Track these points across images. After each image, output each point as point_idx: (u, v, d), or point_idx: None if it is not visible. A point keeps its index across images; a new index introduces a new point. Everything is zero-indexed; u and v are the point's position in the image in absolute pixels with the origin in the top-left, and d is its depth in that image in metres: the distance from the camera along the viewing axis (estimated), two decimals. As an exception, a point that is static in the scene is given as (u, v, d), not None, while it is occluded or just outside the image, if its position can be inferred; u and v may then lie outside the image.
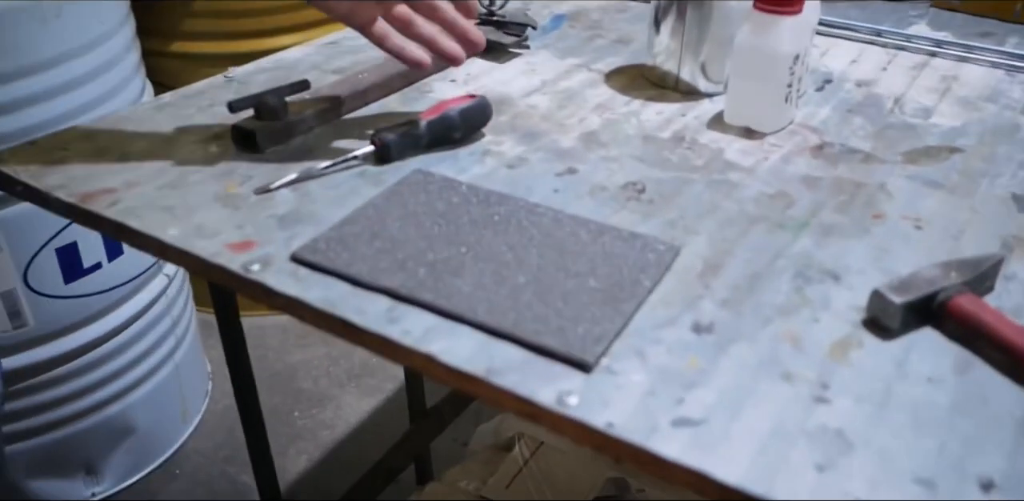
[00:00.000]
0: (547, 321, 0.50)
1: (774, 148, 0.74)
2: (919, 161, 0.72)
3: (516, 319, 0.50)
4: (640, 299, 0.53)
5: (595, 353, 0.48)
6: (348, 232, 0.59)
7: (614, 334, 0.49)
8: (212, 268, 0.56)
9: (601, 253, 0.57)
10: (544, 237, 0.58)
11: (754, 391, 0.46)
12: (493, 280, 0.54)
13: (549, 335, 0.49)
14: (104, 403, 1.32)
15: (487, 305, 0.51)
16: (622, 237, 0.59)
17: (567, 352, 0.48)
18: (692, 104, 0.81)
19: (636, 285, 0.54)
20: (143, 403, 1.38)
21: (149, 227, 0.60)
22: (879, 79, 0.88)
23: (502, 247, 0.57)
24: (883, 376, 0.48)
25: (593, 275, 0.55)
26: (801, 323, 0.52)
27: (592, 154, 0.72)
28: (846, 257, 0.58)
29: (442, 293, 0.52)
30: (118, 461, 1.40)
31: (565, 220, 0.60)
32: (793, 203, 0.65)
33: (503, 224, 0.60)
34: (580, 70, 0.88)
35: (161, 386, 1.42)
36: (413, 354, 0.49)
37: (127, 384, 1.34)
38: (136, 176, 0.66)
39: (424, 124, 0.69)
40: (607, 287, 0.53)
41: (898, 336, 0.51)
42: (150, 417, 1.41)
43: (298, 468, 1.51)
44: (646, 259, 0.56)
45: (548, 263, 0.56)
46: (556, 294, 0.53)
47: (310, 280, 0.55)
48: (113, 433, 1.36)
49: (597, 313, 0.51)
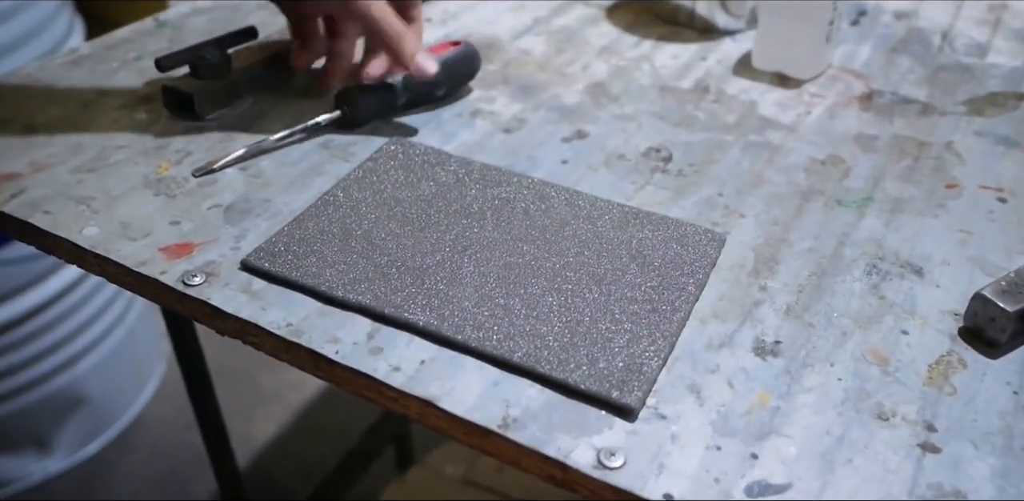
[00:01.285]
0: (575, 349, 0.39)
1: (816, 99, 0.62)
2: (985, 111, 0.61)
3: (535, 347, 0.39)
4: (686, 311, 0.42)
5: (639, 394, 0.37)
6: (311, 228, 0.47)
7: (661, 364, 0.39)
8: (142, 281, 0.45)
9: (630, 247, 0.46)
10: (559, 228, 0.47)
11: (844, 439, 0.37)
12: (501, 291, 0.43)
13: (579, 370, 0.38)
14: (52, 373, 1.22)
15: (495, 327, 0.40)
16: (653, 224, 0.48)
17: (605, 394, 0.37)
18: (711, 44, 0.69)
19: (681, 292, 0.43)
20: (95, 371, 1.28)
21: (60, 225, 0.47)
22: (919, 9, 0.76)
23: (508, 243, 0.46)
24: (999, 408, 0.38)
25: (624, 279, 0.44)
26: (886, 336, 0.42)
27: (603, 112, 0.59)
28: (924, 242, 0.48)
29: (438, 312, 0.41)
30: (70, 433, 1.30)
31: (581, 203, 0.49)
32: (849, 171, 0.54)
33: (506, 211, 0.48)
34: (576, 4, 0.75)
35: (113, 352, 1.31)
36: (405, 399, 0.38)
37: (75, 352, 1.24)
38: (45, 155, 0.53)
39: (400, 80, 0.57)
40: (644, 296, 0.43)
41: (1006, 351, 0.41)
42: (103, 385, 1.31)
43: (265, 434, 1.42)
44: (686, 253, 0.46)
45: (567, 265, 0.44)
46: (582, 309, 0.42)
47: (268, 295, 0.43)
48: (63, 404, 1.26)
49: (636, 334, 0.40)
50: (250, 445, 1.39)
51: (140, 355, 1.40)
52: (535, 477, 0.37)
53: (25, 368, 1.17)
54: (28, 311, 1.13)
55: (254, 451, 1.38)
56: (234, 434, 1.40)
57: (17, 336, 1.14)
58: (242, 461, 1.35)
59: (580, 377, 0.38)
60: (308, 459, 1.35)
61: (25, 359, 1.17)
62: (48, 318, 1.17)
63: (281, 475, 1.35)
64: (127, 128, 0.56)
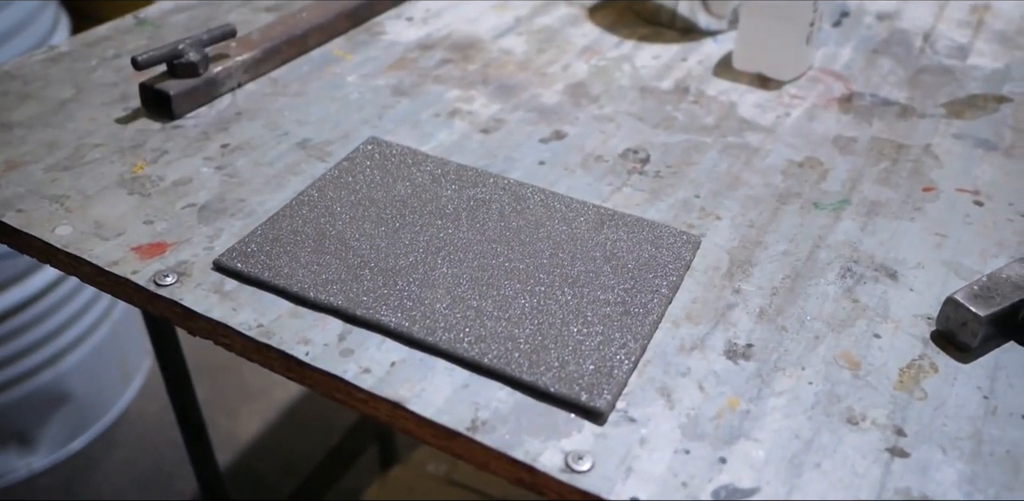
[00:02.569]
0: (546, 351, 0.39)
1: (796, 100, 0.62)
2: (964, 114, 0.61)
3: (506, 350, 0.39)
4: (659, 314, 0.42)
5: (609, 397, 0.37)
6: (285, 228, 0.46)
7: (632, 367, 0.39)
8: (114, 281, 0.44)
9: (605, 249, 0.46)
10: (534, 229, 0.47)
11: (813, 443, 0.37)
12: (474, 293, 0.42)
13: (548, 372, 0.38)
14: (36, 369, 1.21)
15: (467, 329, 0.40)
16: (628, 225, 0.48)
17: (574, 397, 0.37)
18: (692, 45, 0.69)
19: (654, 294, 0.43)
20: (79, 367, 1.27)
21: (32, 224, 0.47)
22: (902, 10, 0.76)
23: (483, 245, 0.46)
24: (968, 413, 0.38)
25: (598, 281, 0.44)
26: (859, 340, 0.42)
27: (582, 112, 0.59)
28: (899, 245, 0.48)
29: (409, 313, 0.41)
30: (55, 430, 1.30)
31: (557, 205, 0.49)
32: (827, 173, 0.54)
33: (481, 212, 0.48)
34: (558, 3, 0.75)
35: (98, 348, 1.30)
36: (374, 401, 0.38)
37: (60, 348, 1.23)
38: (19, 153, 0.53)
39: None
40: (617, 298, 0.42)
41: (978, 356, 0.41)
42: (88, 381, 1.30)
43: (251, 431, 1.42)
44: (661, 256, 0.45)
45: (541, 267, 0.44)
46: (554, 311, 0.42)
47: (240, 296, 0.43)
48: (47, 400, 1.25)
49: (607, 336, 0.40)
50: (235, 441, 1.38)
51: (125, 352, 1.39)
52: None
53: (9, 364, 1.17)
54: (12, 307, 1.13)
55: (239, 447, 1.37)
56: (219, 430, 1.40)
57: (0, 332, 1.13)
58: (227, 457, 1.35)
59: (550, 380, 0.38)
60: (293, 456, 1.35)
61: (9, 355, 1.16)
62: (33, 314, 1.16)
63: (266, 471, 1.35)
64: (104, 126, 0.56)
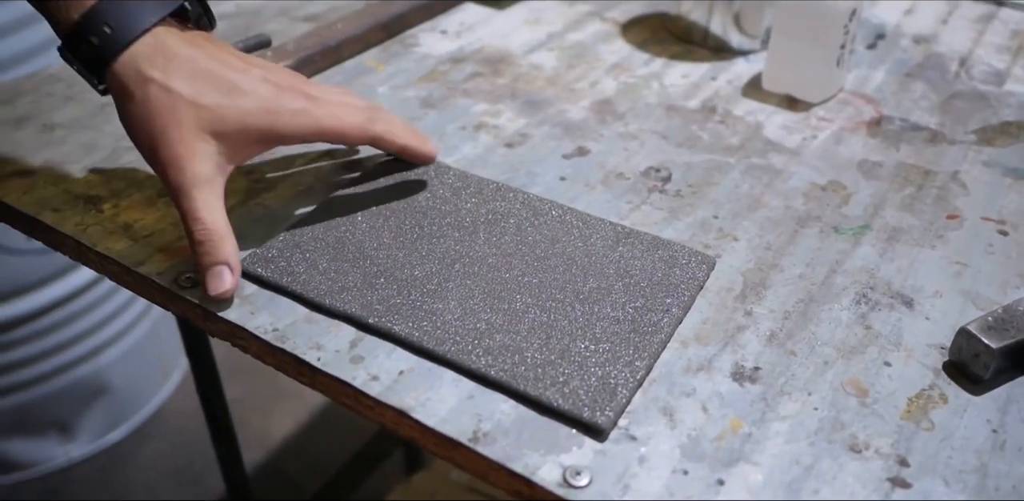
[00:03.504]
0: (552, 366, 0.40)
1: (823, 123, 0.62)
2: (995, 141, 0.60)
3: (513, 363, 0.40)
4: (668, 334, 0.42)
5: (611, 414, 0.37)
6: (306, 235, 0.48)
7: (636, 385, 0.39)
8: (139, 280, 0.46)
9: (619, 267, 0.46)
10: (550, 244, 0.47)
11: (813, 469, 0.36)
12: (485, 306, 0.43)
13: (553, 387, 0.39)
14: (76, 362, 1.25)
15: (476, 341, 0.41)
16: (644, 244, 0.48)
17: (576, 413, 0.37)
18: (723, 64, 0.69)
19: (664, 313, 0.43)
20: (118, 362, 1.30)
21: (66, 223, 0.49)
22: (939, 34, 0.76)
23: (497, 258, 0.46)
24: (976, 446, 0.38)
25: (609, 298, 0.44)
26: (868, 367, 0.42)
27: (607, 129, 0.60)
28: (918, 273, 0.48)
29: (420, 323, 0.42)
30: (93, 421, 1.33)
31: (574, 221, 0.49)
32: (850, 197, 0.54)
33: (498, 226, 0.49)
34: (592, 19, 0.76)
35: (138, 344, 1.34)
36: (380, 407, 0.39)
37: (100, 342, 1.27)
38: (59, 154, 0.55)
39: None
40: (627, 316, 0.43)
41: (990, 388, 0.41)
42: (126, 376, 1.33)
43: (282, 431, 1.44)
44: (674, 275, 0.46)
45: (554, 282, 0.45)
46: (563, 326, 0.42)
47: (258, 300, 0.44)
48: (87, 392, 1.29)
49: (614, 354, 0.40)
50: (267, 441, 1.40)
51: (164, 349, 1.42)
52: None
53: (51, 356, 1.20)
54: (55, 301, 1.16)
55: (270, 447, 1.40)
56: (252, 429, 1.43)
57: (44, 324, 1.17)
58: (257, 456, 1.37)
59: (553, 394, 0.38)
60: (322, 456, 1.37)
61: (51, 347, 1.20)
62: (75, 308, 1.19)
63: (294, 471, 1.37)
64: (139, 130, 0.57)
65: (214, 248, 0.42)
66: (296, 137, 0.45)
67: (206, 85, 0.43)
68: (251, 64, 0.45)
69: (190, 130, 0.42)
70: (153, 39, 0.43)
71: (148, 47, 0.42)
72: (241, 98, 0.43)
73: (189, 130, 0.42)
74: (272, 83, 0.45)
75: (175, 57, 0.43)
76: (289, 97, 0.45)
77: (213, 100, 0.42)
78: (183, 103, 0.42)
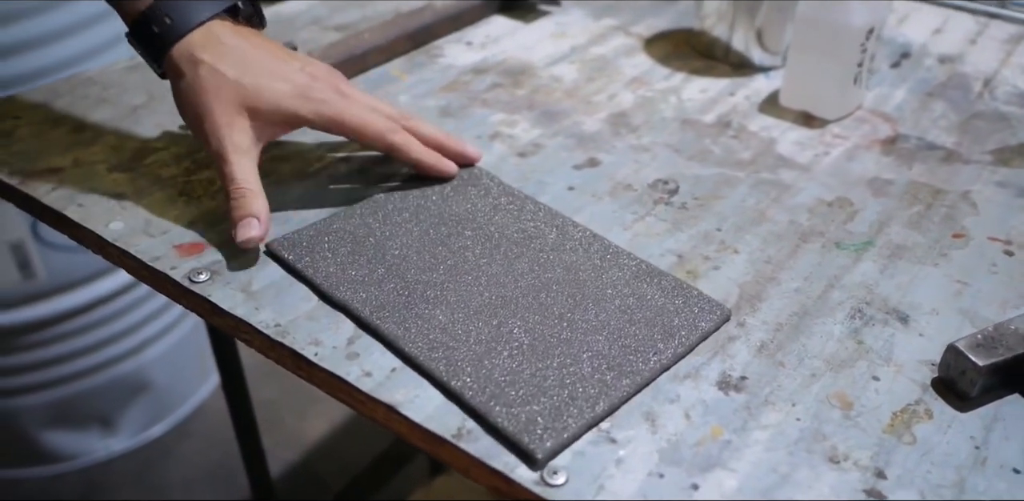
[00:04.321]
0: (514, 386, 0.39)
1: (837, 140, 0.62)
2: (1012, 162, 0.60)
3: (477, 377, 0.40)
4: (646, 378, 0.41)
5: (549, 446, 0.37)
6: (336, 226, 0.50)
7: (588, 424, 0.38)
8: (153, 275, 0.48)
9: (625, 302, 0.45)
10: (565, 271, 0.46)
11: (790, 478, 0.37)
12: (474, 320, 0.43)
13: (506, 407, 0.38)
14: (119, 358, 1.28)
15: (449, 351, 0.41)
16: (662, 285, 0.46)
17: (516, 437, 0.37)
18: (743, 80, 0.70)
19: (652, 357, 0.41)
20: (160, 359, 1.33)
21: (90, 218, 0.51)
22: (966, 54, 0.75)
23: (507, 276, 0.46)
24: (956, 462, 0.38)
25: (603, 332, 0.43)
26: (856, 381, 0.42)
27: (620, 141, 0.61)
28: (917, 290, 0.48)
29: (404, 324, 0.43)
30: (134, 416, 1.36)
31: (600, 251, 0.48)
32: (856, 214, 0.54)
33: (521, 246, 0.49)
34: (616, 34, 0.77)
35: (180, 342, 1.37)
36: (372, 403, 0.40)
37: (143, 340, 1.30)
38: (87, 153, 0.57)
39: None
40: (613, 352, 0.42)
41: (978, 405, 0.41)
42: (167, 373, 1.36)
43: (316, 432, 1.46)
44: (679, 320, 0.44)
45: (553, 306, 0.44)
46: (542, 352, 0.41)
47: (264, 296, 0.46)
48: (129, 388, 1.32)
49: (584, 390, 0.39)
50: (300, 441, 1.42)
51: (204, 348, 1.45)
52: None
53: (95, 351, 1.23)
54: (100, 297, 1.19)
55: (303, 447, 1.42)
56: (286, 429, 1.45)
57: (89, 320, 1.19)
58: (290, 455, 1.40)
59: (500, 414, 0.38)
60: (352, 458, 1.38)
61: (96, 342, 1.22)
62: (119, 306, 1.22)
63: (324, 471, 1.39)
64: (167, 132, 0.60)
65: (245, 203, 0.47)
66: (318, 124, 0.51)
67: (249, 69, 0.49)
68: (293, 57, 0.52)
69: (231, 105, 0.49)
70: (207, 30, 0.50)
71: (202, 36, 0.49)
72: (277, 82, 0.49)
73: (230, 105, 0.49)
74: (308, 73, 0.51)
75: (224, 45, 0.49)
76: (320, 87, 0.50)
77: (252, 81, 0.49)
78: (227, 82, 0.48)
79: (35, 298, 1.13)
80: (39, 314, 1.14)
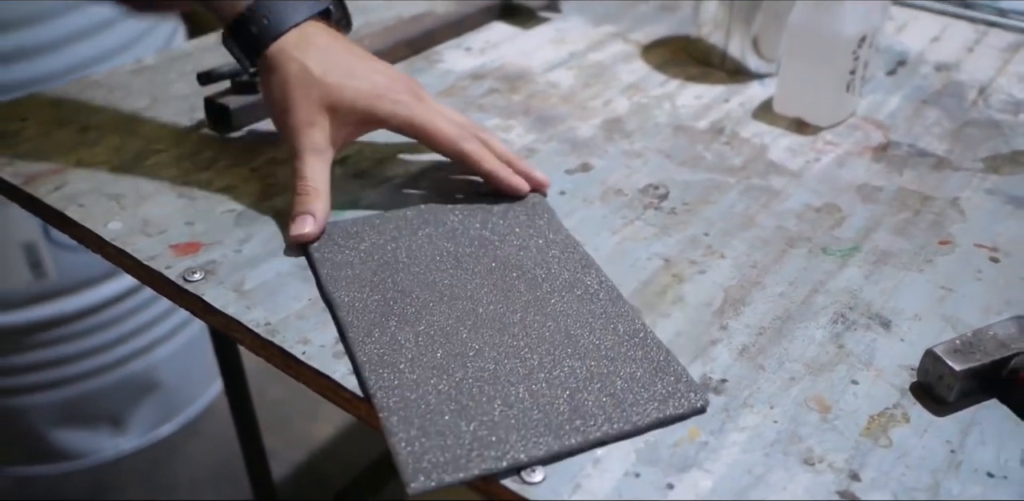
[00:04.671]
0: (438, 415, 0.39)
1: (829, 146, 0.63)
2: (1003, 170, 0.61)
3: (402, 398, 0.40)
4: (575, 448, 0.38)
5: (430, 485, 0.36)
6: (364, 226, 0.51)
7: (488, 471, 0.37)
8: (149, 274, 0.49)
9: (601, 362, 0.42)
10: (563, 317, 0.45)
11: (764, 479, 0.37)
12: (441, 341, 0.43)
13: (409, 432, 0.38)
14: (129, 358, 1.28)
15: (393, 367, 0.41)
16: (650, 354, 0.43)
17: (402, 467, 0.37)
18: (739, 87, 0.70)
19: (595, 427, 0.39)
20: (170, 359, 1.34)
21: (89, 218, 0.52)
22: (963, 62, 0.76)
23: (496, 306, 0.46)
24: (932, 465, 0.38)
25: (563, 384, 0.41)
26: (835, 385, 0.42)
27: (613, 146, 0.62)
28: (900, 296, 0.48)
29: (370, 334, 0.43)
30: (143, 415, 1.37)
31: (605, 300, 0.46)
32: (843, 220, 0.55)
33: (528, 284, 0.47)
34: (615, 40, 0.78)
35: (189, 343, 1.38)
36: (356, 400, 0.41)
37: (152, 340, 1.30)
38: (90, 154, 0.59)
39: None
40: (557, 409, 0.39)
41: (956, 410, 0.41)
42: (177, 373, 1.37)
43: (324, 433, 1.46)
44: (647, 397, 0.40)
45: (527, 347, 0.43)
46: (489, 389, 0.40)
47: (256, 296, 0.47)
48: (138, 388, 1.33)
49: (507, 436, 0.38)
50: (308, 442, 1.43)
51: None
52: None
53: (105, 351, 1.24)
54: (111, 297, 1.19)
55: (311, 448, 1.42)
56: (295, 430, 1.46)
57: (99, 320, 1.20)
58: (297, 456, 1.40)
59: (401, 440, 0.38)
60: (358, 460, 1.39)
61: (107, 342, 1.23)
62: (129, 306, 1.23)
63: (330, 472, 1.39)
64: (169, 134, 0.61)
65: (308, 200, 0.50)
66: (392, 124, 0.53)
67: (334, 68, 0.52)
68: (376, 61, 0.55)
69: (314, 103, 0.51)
70: (300, 31, 0.53)
71: (296, 37, 0.52)
72: (358, 80, 0.52)
73: (313, 102, 0.51)
74: (388, 76, 0.54)
75: (314, 45, 0.52)
76: (397, 89, 0.53)
77: (336, 79, 0.51)
78: (314, 79, 0.51)
79: (46, 298, 1.14)
80: (50, 313, 1.15)
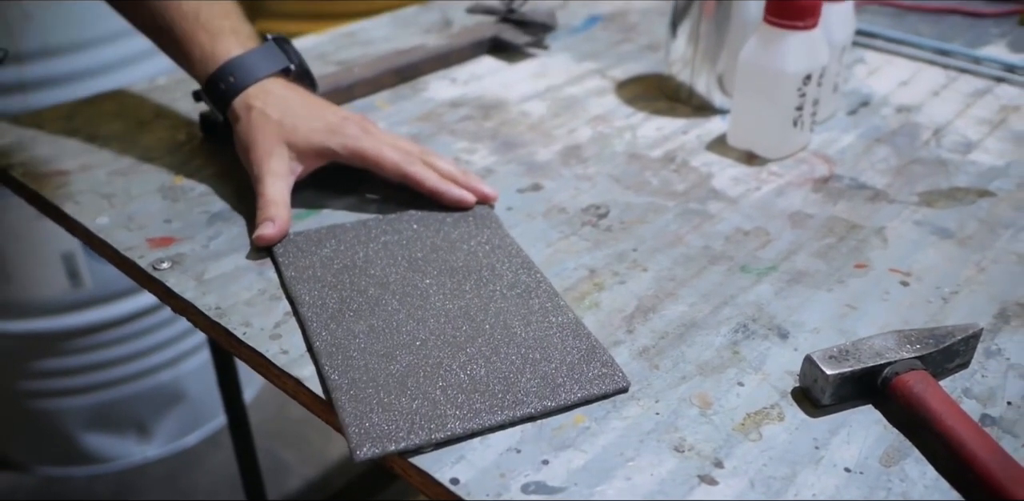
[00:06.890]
0: (383, 390, 0.43)
1: (772, 177, 0.67)
2: (937, 204, 0.64)
3: (352, 377, 0.44)
4: (500, 422, 0.42)
5: (374, 451, 0.40)
6: (332, 235, 0.56)
7: (427, 443, 0.41)
8: (124, 262, 0.55)
9: (534, 345, 0.47)
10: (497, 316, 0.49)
11: (632, 460, 0.41)
12: (391, 330, 0.48)
13: (357, 405, 0.42)
14: (158, 368, 1.34)
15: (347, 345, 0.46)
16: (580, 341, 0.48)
17: (350, 437, 0.41)
18: (700, 121, 0.75)
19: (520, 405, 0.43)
20: (196, 372, 1.39)
21: (81, 213, 0.59)
22: (925, 105, 0.79)
23: (446, 302, 0.50)
24: (792, 459, 0.42)
25: (496, 363, 0.46)
26: (722, 385, 0.46)
27: (567, 170, 0.66)
28: (805, 311, 0.52)
29: (328, 324, 0.48)
30: (169, 425, 1.42)
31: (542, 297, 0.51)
32: (768, 243, 0.58)
33: (477, 283, 0.52)
34: (593, 76, 0.83)
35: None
36: (284, 376, 0.46)
37: (181, 352, 1.36)
38: (93, 159, 0.65)
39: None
40: (492, 387, 0.44)
41: (831, 413, 0.44)
42: (203, 386, 1.41)
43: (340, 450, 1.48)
44: (574, 378, 0.45)
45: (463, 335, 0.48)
46: (428, 367, 0.45)
47: (212, 285, 0.52)
48: (166, 397, 1.38)
49: (445, 412, 0.42)
50: (324, 460, 1.45)
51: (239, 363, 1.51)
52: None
53: (135, 359, 1.30)
54: (141, 309, 1.26)
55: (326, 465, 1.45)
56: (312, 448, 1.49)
57: (131, 330, 1.27)
58: (311, 472, 1.44)
59: (351, 412, 0.42)
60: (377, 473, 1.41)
61: (136, 352, 1.30)
62: (159, 318, 1.29)
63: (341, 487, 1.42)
64: (165, 145, 0.67)
65: (267, 209, 0.56)
66: (343, 156, 0.59)
67: (289, 112, 0.60)
68: (329, 106, 0.63)
69: (272, 140, 0.58)
70: (260, 86, 0.61)
71: (256, 90, 0.61)
72: (312, 120, 0.60)
73: (272, 140, 0.58)
74: (338, 116, 0.61)
75: (273, 95, 0.61)
76: (347, 125, 0.60)
77: (292, 121, 0.59)
78: (272, 122, 0.59)
79: (82, 306, 1.21)
80: (85, 321, 1.22)
